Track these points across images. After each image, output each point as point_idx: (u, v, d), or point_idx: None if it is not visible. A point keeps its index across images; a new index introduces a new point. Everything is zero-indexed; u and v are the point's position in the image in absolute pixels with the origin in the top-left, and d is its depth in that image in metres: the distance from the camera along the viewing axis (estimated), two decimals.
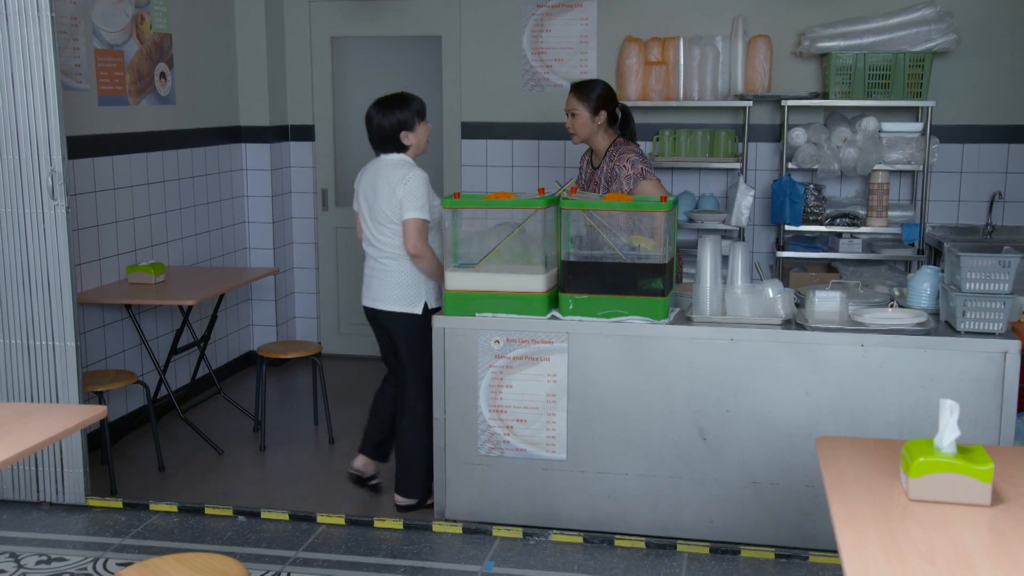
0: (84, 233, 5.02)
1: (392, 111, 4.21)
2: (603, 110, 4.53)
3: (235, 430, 5.50)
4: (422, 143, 4.29)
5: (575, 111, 4.54)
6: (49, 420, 2.80)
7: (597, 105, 4.51)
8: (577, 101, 4.53)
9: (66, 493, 4.36)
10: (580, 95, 4.54)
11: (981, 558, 1.97)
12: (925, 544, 2.02)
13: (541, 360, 4.00)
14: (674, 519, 4.00)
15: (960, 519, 2.14)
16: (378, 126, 4.24)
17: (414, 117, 4.23)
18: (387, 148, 4.27)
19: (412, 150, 4.28)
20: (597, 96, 4.52)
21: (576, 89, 4.57)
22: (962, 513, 2.17)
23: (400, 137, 4.22)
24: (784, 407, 3.83)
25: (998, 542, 2.04)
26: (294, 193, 6.81)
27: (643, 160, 4.47)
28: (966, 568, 1.92)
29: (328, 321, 6.95)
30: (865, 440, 2.62)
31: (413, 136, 4.24)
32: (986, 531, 2.09)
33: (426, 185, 4.20)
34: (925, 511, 2.18)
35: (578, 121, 4.55)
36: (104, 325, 5.22)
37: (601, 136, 4.58)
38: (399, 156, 4.26)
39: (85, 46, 5.04)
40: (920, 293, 4.02)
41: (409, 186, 4.15)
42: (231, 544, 4.06)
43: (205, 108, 6.11)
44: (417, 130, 4.25)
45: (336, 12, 6.61)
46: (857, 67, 5.74)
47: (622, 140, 4.58)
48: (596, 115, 4.52)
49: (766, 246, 6.28)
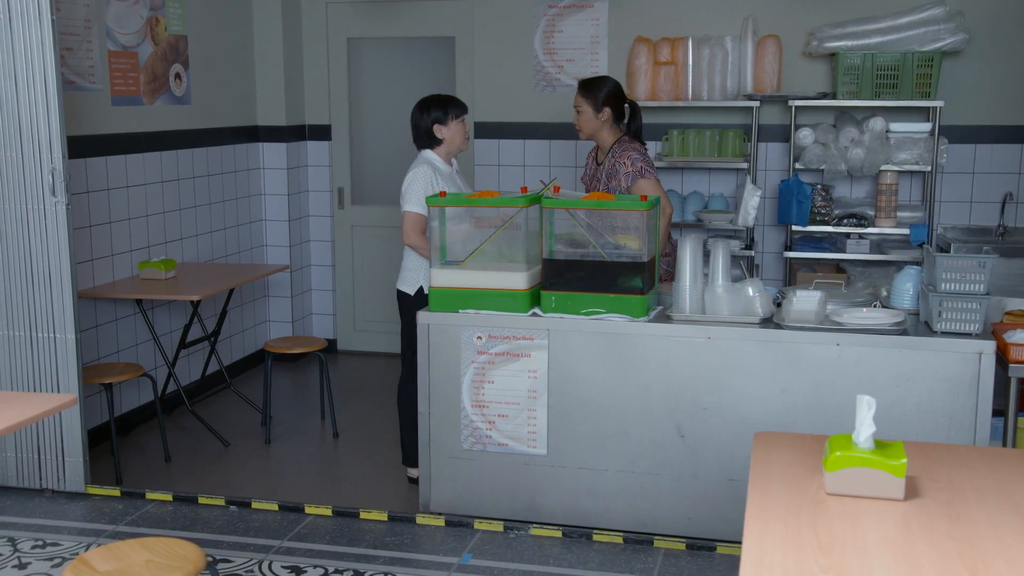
0: (97, 230, 5.18)
1: (429, 107, 4.48)
2: (607, 107, 4.57)
3: (243, 424, 5.63)
4: (455, 139, 4.51)
5: (580, 107, 4.61)
6: (19, 407, 2.92)
7: (602, 102, 4.56)
8: (582, 98, 4.60)
9: (67, 481, 4.51)
10: (585, 92, 4.60)
11: (878, 550, 1.99)
12: (827, 536, 2.05)
13: (522, 356, 4.06)
14: (652, 515, 4.03)
15: (870, 512, 2.16)
16: (415, 121, 4.50)
17: (448, 113, 4.46)
18: (422, 142, 4.52)
19: (445, 145, 4.51)
20: (602, 93, 4.57)
21: (582, 86, 4.63)
22: (874, 507, 2.19)
23: (434, 130, 4.47)
24: (760, 405, 3.84)
25: (901, 536, 2.06)
26: (311, 191, 6.94)
27: (644, 159, 4.50)
28: (859, 559, 1.95)
29: (344, 318, 7.07)
30: (803, 436, 2.64)
31: (446, 130, 4.47)
32: (892, 525, 2.10)
33: (428, 181, 4.39)
34: (838, 505, 2.20)
35: (583, 117, 4.61)
36: (116, 319, 5.37)
37: (606, 133, 4.62)
38: (425, 152, 4.52)
39: (98, 48, 5.20)
40: (903, 293, 4.01)
41: (411, 180, 4.41)
42: (220, 532, 4.17)
43: (222, 108, 6.26)
44: (450, 125, 4.48)
45: (352, 13, 6.72)
46: (865, 67, 5.71)
47: (627, 138, 4.63)
48: (600, 112, 4.57)
49: (775, 246, 6.26)
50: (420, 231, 4.38)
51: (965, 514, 2.16)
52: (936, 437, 3.66)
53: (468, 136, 4.57)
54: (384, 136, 6.82)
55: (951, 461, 2.48)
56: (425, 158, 4.50)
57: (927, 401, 3.70)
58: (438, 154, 4.52)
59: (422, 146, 4.55)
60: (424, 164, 4.45)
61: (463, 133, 4.52)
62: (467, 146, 4.61)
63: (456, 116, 4.49)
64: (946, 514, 2.16)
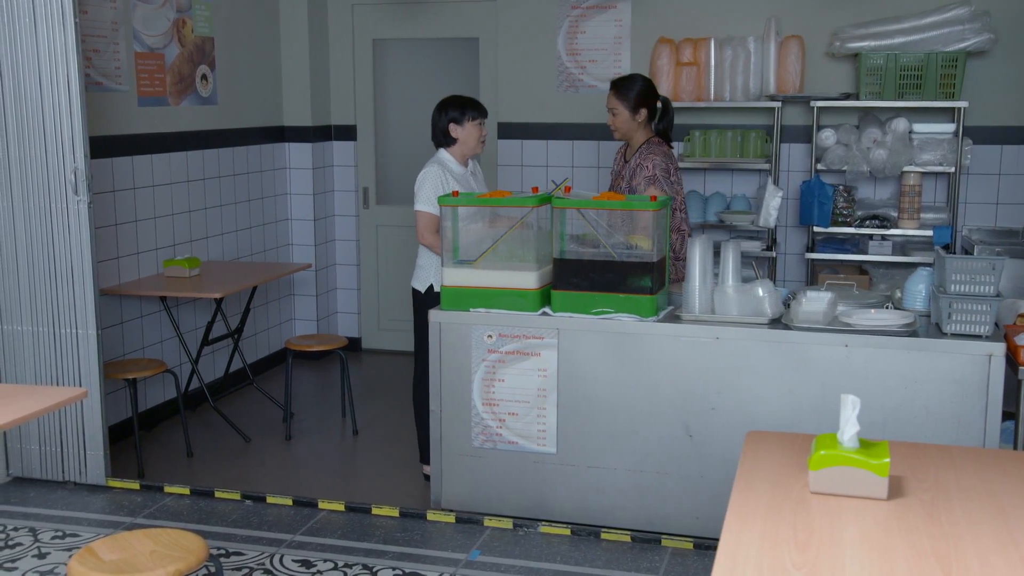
0: (123, 228, 5.28)
1: (447, 107, 4.55)
2: (643, 107, 4.58)
3: (265, 420, 5.71)
4: (469, 140, 4.55)
5: (615, 109, 4.59)
6: (31, 400, 3.00)
7: (637, 103, 4.56)
8: (617, 100, 4.59)
9: (88, 474, 4.60)
10: (620, 94, 4.59)
11: (854, 549, 1.99)
12: (804, 533, 2.06)
13: (532, 355, 4.08)
14: (660, 514, 4.04)
15: (851, 511, 2.16)
16: (433, 119, 4.59)
17: (464, 114, 4.52)
18: (438, 140, 4.59)
19: (459, 145, 4.56)
20: (637, 94, 4.57)
21: (616, 87, 4.62)
22: (856, 506, 2.19)
23: (449, 129, 4.53)
24: (768, 405, 3.84)
25: (879, 534, 2.06)
26: (336, 191, 7.02)
27: (664, 167, 4.48)
28: (834, 557, 1.96)
29: (369, 316, 7.14)
30: (795, 436, 2.65)
31: (461, 130, 4.53)
32: (872, 523, 2.11)
33: (438, 180, 4.46)
34: (820, 503, 2.21)
35: (619, 119, 4.60)
36: (141, 316, 5.47)
37: (640, 133, 4.63)
38: (440, 152, 4.59)
39: (125, 50, 5.30)
40: (915, 295, 3.99)
41: (421, 179, 4.50)
42: (234, 526, 4.24)
43: (248, 108, 6.35)
44: (465, 126, 4.53)
45: (378, 15, 6.79)
46: (888, 67, 5.67)
47: (656, 140, 4.61)
48: (636, 113, 4.57)
49: (797, 247, 6.24)
50: (433, 230, 4.44)
51: (947, 514, 2.16)
52: (945, 440, 3.64)
53: (483, 140, 4.60)
54: (409, 136, 6.87)
55: (941, 461, 2.47)
56: (438, 158, 4.57)
57: (936, 403, 3.67)
58: (452, 154, 4.58)
59: (438, 144, 4.61)
60: (435, 164, 4.53)
61: (477, 136, 4.55)
62: (481, 149, 4.63)
63: (472, 118, 4.54)
64: (927, 513, 2.16)
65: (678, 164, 4.67)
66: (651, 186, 4.45)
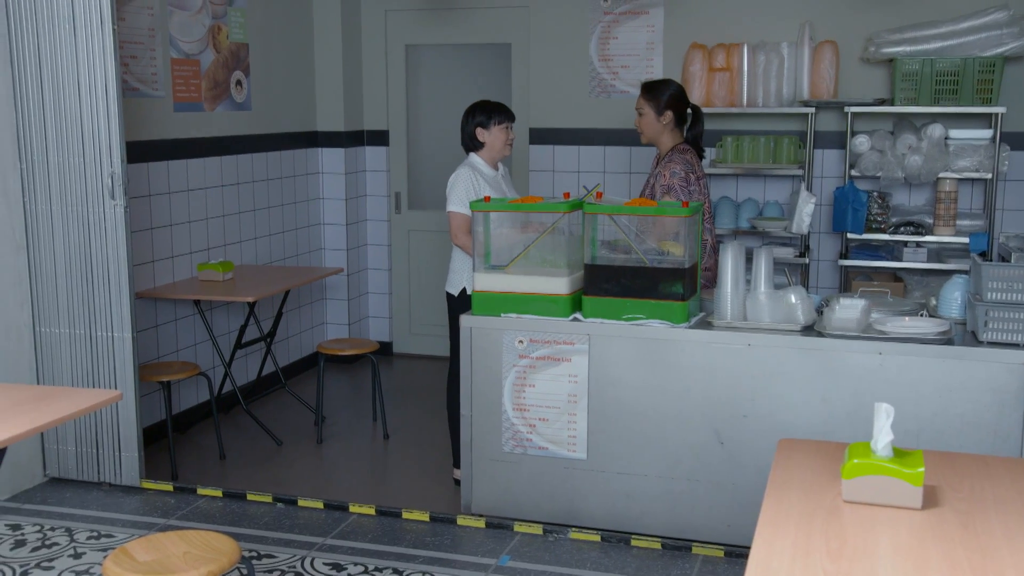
0: (158, 232, 5.34)
1: (475, 111, 4.62)
2: (670, 111, 4.56)
3: (297, 423, 5.74)
4: (496, 144, 4.61)
5: (641, 109, 4.59)
6: (67, 402, 3.04)
7: (664, 106, 4.55)
8: (644, 100, 4.59)
9: (123, 475, 4.65)
10: (648, 94, 4.59)
11: (888, 559, 1.98)
12: (837, 542, 2.04)
13: (563, 361, 4.08)
14: (690, 521, 4.02)
15: (885, 521, 2.15)
16: (462, 123, 4.66)
17: (492, 118, 4.58)
18: (467, 144, 4.66)
19: (487, 149, 4.62)
20: (666, 97, 4.56)
21: (645, 88, 4.62)
22: (890, 515, 2.17)
23: (476, 133, 4.60)
24: (800, 413, 3.82)
25: (913, 544, 2.04)
26: (368, 196, 7.05)
27: (682, 176, 4.44)
28: (866, 567, 1.94)
29: (400, 321, 7.16)
30: (828, 444, 2.63)
31: (488, 134, 4.59)
32: (906, 534, 2.09)
33: (469, 182, 4.53)
34: (853, 512, 2.19)
35: (644, 120, 4.59)
36: (175, 319, 5.53)
37: (666, 137, 4.61)
38: (470, 156, 4.66)
39: (162, 56, 5.36)
40: (951, 303, 3.95)
41: (453, 181, 4.57)
42: (266, 529, 4.27)
43: (281, 114, 6.40)
44: (492, 130, 4.59)
45: (411, 21, 6.82)
46: (924, 73, 5.62)
47: (682, 147, 4.58)
48: (662, 115, 4.55)
49: (831, 254, 6.19)
50: (466, 230, 4.48)
51: (982, 524, 2.14)
52: (981, 449, 3.60)
53: (510, 143, 4.64)
54: (441, 141, 6.89)
55: (977, 472, 2.44)
56: (468, 161, 4.64)
57: (971, 412, 3.64)
58: (482, 158, 4.64)
59: (468, 149, 4.68)
60: (466, 166, 4.60)
61: (504, 139, 4.60)
62: (508, 152, 4.67)
63: (499, 122, 4.58)
64: (963, 524, 2.14)
65: (704, 172, 4.63)
66: (666, 195, 4.43)
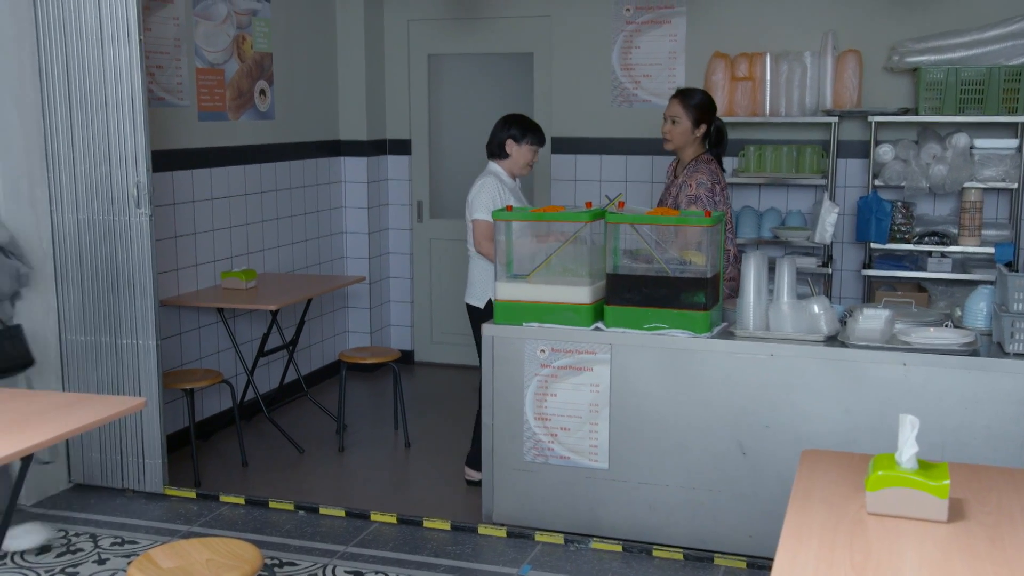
0: (182, 240, 5.37)
1: (512, 123, 4.72)
2: (703, 123, 4.55)
3: (318, 431, 5.76)
4: (520, 160, 4.69)
5: (676, 117, 4.53)
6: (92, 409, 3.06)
7: (699, 117, 4.53)
8: (682, 108, 4.53)
9: (146, 482, 4.68)
10: (685, 103, 4.53)
11: (913, 572, 1.96)
12: (862, 555, 2.03)
13: (584, 370, 4.08)
14: (713, 532, 4.01)
15: (910, 534, 2.13)
16: (495, 130, 4.75)
17: (525, 134, 4.67)
18: (493, 151, 4.74)
19: (510, 161, 4.71)
20: (703, 108, 4.54)
21: (681, 96, 4.57)
22: (915, 528, 2.16)
23: (505, 145, 4.69)
24: (823, 424, 3.80)
25: (939, 558, 2.03)
26: (391, 205, 7.07)
27: (708, 186, 4.42)
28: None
29: (421, 329, 7.18)
30: (851, 455, 2.61)
31: (516, 148, 4.67)
32: (932, 547, 2.07)
33: (495, 190, 4.58)
34: (878, 524, 2.18)
35: (677, 128, 4.54)
36: (199, 327, 5.56)
37: (692, 149, 4.59)
38: (493, 165, 4.72)
39: (187, 66, 5.40)
40: (976, 313, 3.93)
41: (476, 190, 4.61)
42: (288, 536, 4.28)
43: (305, 123, 6.43)
44: (522, 146, 4.67)
45: (433, 30, 6.85)
46: (949, 82, 5.59)
47: (706, 157, 4.57)
48: (697, 127, 4.53)
49: (854, 264, 6.16)
50: (490, 237, 4.50)
51: (1010, 538, 2.12)
52: (1007, 462, 3.57)
53: (531, 165, 4.73)
54: (463, 151, 6.91)
55: (1004, 485, 2.43)
56: (491, 170, 4.69)
57: (997, 425, 3.61)
58: (503, 168, 4.70)
59: (492, 155, 4.73)
60: (491, 175, 4.66)
61: (529, 159, 4.69)
62: (527, 173, 4.78)
63: (531, 142, 4.67)
64: (990, 538, 2.12)
65: (726, 182, 4.61)
66: (692, 205, 4.41)
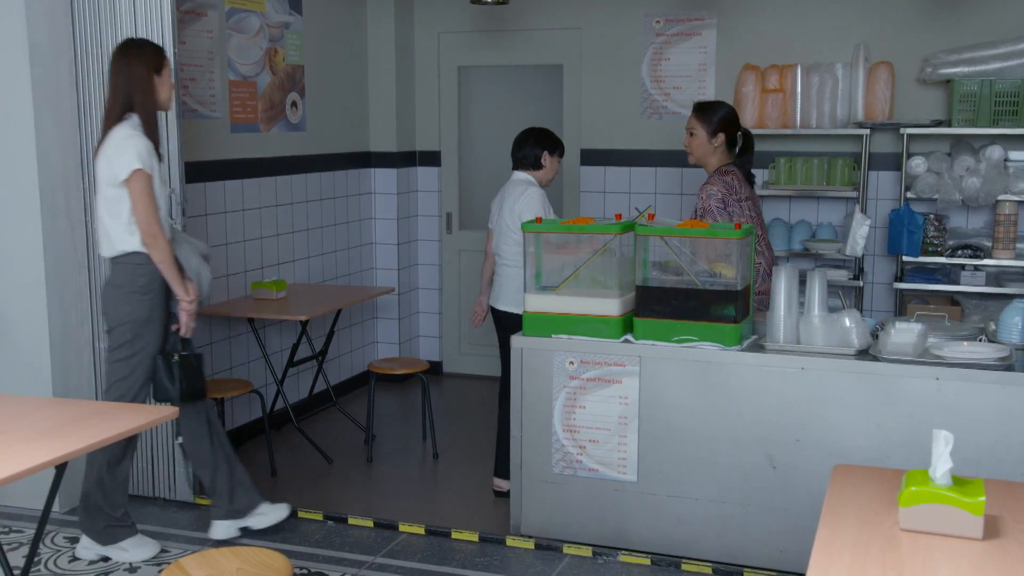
0: (214, 251, 5.40)
1: (547, 138, 4.89)
2: (722, 133, 4.53)
3: (347, 442, 5.77)
4: (550, 172, 4.89)
5: (694, 130, 4.55)
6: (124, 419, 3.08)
7: (716, 128, 4.52)
8: (697, 121, 4.55)
9: (177, 491, 4.71)
10: (701, 115, 4.55)
11: None
12: (895, 571, 2.01)
13: (613, 382, 4.07)
14: (743, 546, 3.98)
15: (945, 550, 2.11)
16: (534, 141, 4.86)
17: (555, 149, 4.86)
18: (523, 163, 4.86)
19: (542, 172, 4.85)
20: (718, 119, 4.53)
21: (698, 109, 4.59)
22: (949, 545, 2.13)
23: (541, 157, 4.85)
24: (855, 438, 3.76)
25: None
26: (420, 216, 7.10)
27: (720, 198, 4.37)
28: None
29: (450, 340, 7.19)
30: (884, 470, 2.59)
31: (551, 161, 4.84)
32: (967, 564, 2.05)
33: (542, 200, 4.75)
34: (911, 541, 2.15)
35: (695, 141, 4.55)
36: (230, 337, 5.60)
37: (714, 160, 4.57)
38: (525, 175, 4.83)
39: (220, 78, 5.45)
40: (1011, 328, 3.88)
41: (526, 199, 4.73)
42: (317, 546, 4.29)
43: (335, 134, 6.47)
44: (554, 159, 4.86)
45: (463, 43, 6.87)
46: (982, 94, 5.54)
47: (724, 169, 4.53)
48: (714, 137, 4.52)
49: (886, 277, 6.12)
50: None
51: None
52: None
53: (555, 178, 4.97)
54: (492, 162, 6.91)
55: None
56: (531, 180, 4.83)
57: None
58: (536, 178, 4.84)
59: (525, 167, 4.85)
60: (535, 186, 4.80)
61: (556, 171, 4.91)
62: (550, 184, 4.95)
63: (560, 155, 4.90)
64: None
65: (751, 194, 4.57)
66: (702, 217, 4.39)
